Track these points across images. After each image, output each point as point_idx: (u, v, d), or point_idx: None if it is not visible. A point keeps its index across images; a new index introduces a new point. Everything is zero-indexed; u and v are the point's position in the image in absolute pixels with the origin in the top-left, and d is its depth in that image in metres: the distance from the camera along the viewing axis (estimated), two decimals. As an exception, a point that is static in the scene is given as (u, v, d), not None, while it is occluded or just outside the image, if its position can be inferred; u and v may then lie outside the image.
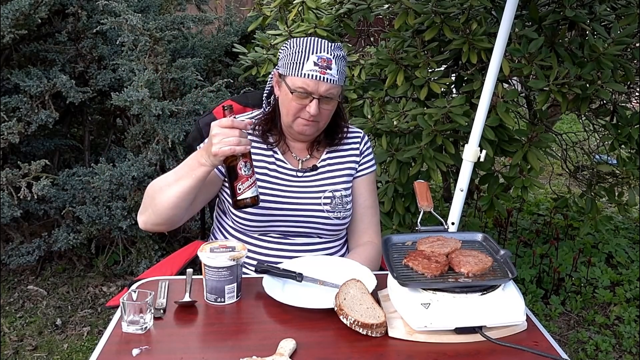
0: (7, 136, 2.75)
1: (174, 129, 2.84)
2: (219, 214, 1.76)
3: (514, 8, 1.76)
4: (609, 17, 2.59)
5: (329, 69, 1.53)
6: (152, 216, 1.54)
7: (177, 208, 1.51)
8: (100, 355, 1.17)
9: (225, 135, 1.38)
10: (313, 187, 1.67)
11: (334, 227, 1.67)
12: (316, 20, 2.71)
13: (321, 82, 1.53)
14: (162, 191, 1.50)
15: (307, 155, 1.71)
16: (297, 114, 1.57)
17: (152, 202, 1.53)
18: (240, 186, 1.41)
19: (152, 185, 1.55)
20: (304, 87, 1.53)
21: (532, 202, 4.35)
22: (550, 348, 1.21)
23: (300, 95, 1.54)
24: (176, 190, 1.48)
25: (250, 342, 1.21)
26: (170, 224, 1.57)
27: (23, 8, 2.67)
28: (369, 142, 1.80)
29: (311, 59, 1.53)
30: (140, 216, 1.58)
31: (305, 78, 1.53)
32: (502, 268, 1.30)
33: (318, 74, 1.52)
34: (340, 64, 1.58)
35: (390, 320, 1.25)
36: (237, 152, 1.39)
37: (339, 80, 1.57)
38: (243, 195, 1.42)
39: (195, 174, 1.45)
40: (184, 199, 1.49)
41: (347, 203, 1.68)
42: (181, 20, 3.14)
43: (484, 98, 1.82)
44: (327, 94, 1.55)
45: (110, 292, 3.08)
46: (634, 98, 3.22)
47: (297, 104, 1.56)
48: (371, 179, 1.77)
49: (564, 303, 3.03)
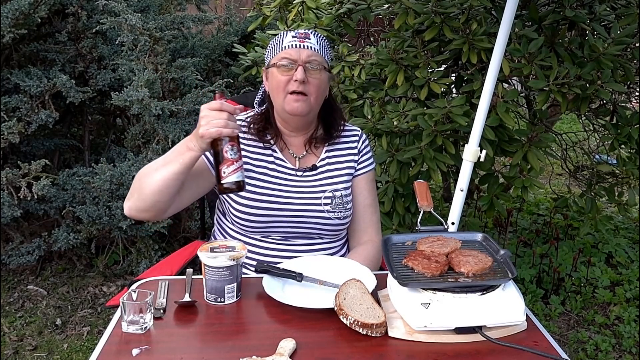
0: (7, 136, 2.75)
1: (174, 129, 2.84)
2: (219, 216, 1.76)
3: (514, 8, 1.76)
4: (609, 17, 2.59)
5: (307, 38, 1.61)
6: (137, 202, 1.52)
7: (162, 194, 1.48)
8: (100, 355, 1.17)
9: (213, 118, 1.37)
10: (313, 187, 1.67)
11: (335, 227, 1.66)
12: (316, 20, 2.71)
13: (302, 49, 1.59)
14: (149, 175, 1.49)
15: (304, 152, 1.70)
16: (286, 87, 1.58)
17: (138, 187, 1.51)
18: (225, 169, 1.38)
19: (140, 171, 1.54)
20: (286, 56, 1.58)
21: (532, 202, 4.36)
22: (550, 348, 1.21)
23: (285, 67, 1.58)
24: (162, 175, 1.46)
25: (250, 342, 1.21)
26: (155, 212, 1.54)
27: (23, 8, 2.67)
28: (367, 140, 1.80)
29: (289, 35, 1.62)
30: (126, 202, 1.56)
31: (286, 49, 1.59)
32: (502, 268, 1.30)
33: (297, 42, 1.59)
34: (319, 39, 1.64)
35: (390, 320, 1.25)
36: (223, 134, 1.37)
37: (320, 50, 1.62)
38: (228, 179, 1.38)
39: (183, 158, 1.44)
40: (169, 185, 1.47)
41: (347, 203, 1.68)
42: (181, 20, 3.14)
43: (484, 98, 1.82)
44: (310, 60, 1.58)
45: (110, 292, 3.09)
46: (634, 98, 3.22)
47: (284, 76, 1.58)
48: (370, 178, 1.77)
49: (564, 303, 3.03)
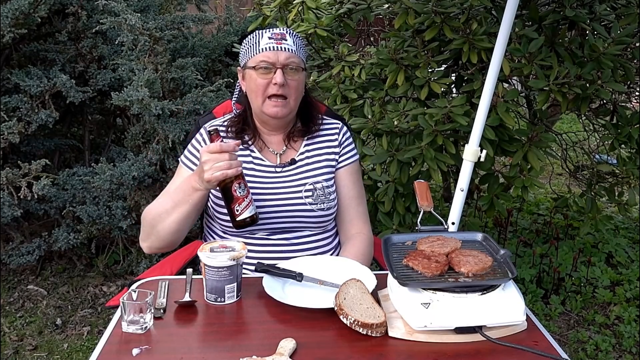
0: (8, 136, 2.75)
1: (174, 129, 2.84)
2: (208, 220, 1.78)
3: (514, 8, 1.76)
4: (609, 16, 2.59)
5: (284, 39, 1.60)
6: (156, 242, 1.60)
7: (179, 232, 1.58)
8: (100, 355, 1.17)
9: (215, 161, 1.42)
10: (293, 181, 1.67)
11: (319, 218, 1.67)
12: (316, 20, 2.71)
13: (280, 52, 1.58)
14: (162, 219, 1.55)
15: (283, 148, 1.71)
16: (265, 91, 1.59)
17: (152, 230, 1.58)
18: (238, 207, 1.46)
19: (149, 212, 1.60)
20: (264, 59, 1.58)
21: (532, 202, 4.36)
22: (550, 348, 1.21)
23: (263, 70, 1.58)
24: (175, 217, 1.54)
25: (250, 342, 1.21)
26: (175, 244, 1.63)
27: (23, 7, 2.67)
28: (349, 132, 1.80)
29: (265, 36, 1.60)
30: (143, 243, 1.64)
31: (264, 52, 1.59)
32: (502, 268, 1.30)
33: (275, 44, 1.59)
34: (295, 39, 1.64)
35: (390, 320, 1.25)
36: (229, 176, 1.42)
37: (297, 51, 1.62)
38: (242, 216, 1.47)
39: (192, 198, 1.51)
40: (184, 224, 1.56)
41: (329, 194, 1.68)
42: (181, 20, 3.14)
43: (485, 98, 1.82)
44: (288, 62, 1.59)
45: (110, 292, 3.09)
46: (634, 98, 3.22)
47: (262, 79, 1.59)
48: (353, 169, 1.77)
49: (564, 303, 3.03)
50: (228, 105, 1.86)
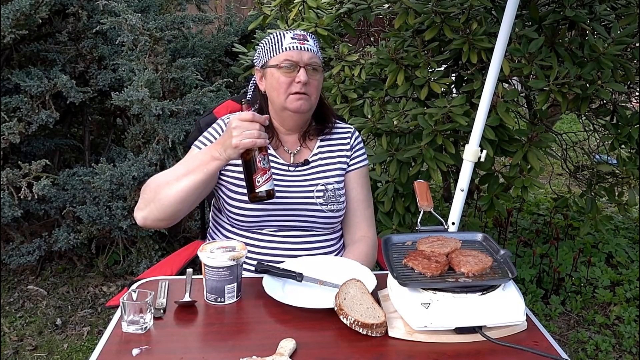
0: (8, 136, 2.75)
1: (174, 129, 2.84)
2: (215, 212, 1.78)
3: (514, 8, 1.76)
4: (609, 17, 2.59)
5: (306, 40, 1.63)
6: (155, 211, 1.54)
7: (184, 202, 1.52)
8: (100, 355, 1.17)
9: (245, 128, 1.42)
10: (305, 181, 1.69)
11: (328, 220, 1.68)
12: (317, 20, 2.71)
13: (303, 52, 1.61)
14: (170, 185, 1.51)
15: (298, 147, 1.73)
16: (288, 88, 1.61)
17: (155, 196, 1.53)
18: (259, 179, 1.45)
19: (154, 180, 1.56)
20: (288, 58, 1.60)
21: (532, 202, 4.36)
22: (550, 348, 1.21)
23: (287, 68, 1.60)
24: (185, 185, 1.50)
25: (250, 342, 1.21)
26: (172, 220, 1.58)
27: (23, 8, 2.67)
28: (360, 137, 1.82)
29: (287, 36, 1.63)
30: (139, 212, 1.57)
31: (287, 51, 1.61)
32: (502, 268, 1.30)
33: (298, 44, 1.61)
34: (314, 41, 1.67)
35: (390, 320, 1.25)
36: (257, 145, 1.43)
37: (317, 52, 1.65)
38: (261, 188, 1.45)
39: (208, 167, 1.49)
40: (192, 194, 1.52)
41: (340, 196, 1.70)
42: (181, 20, 3.14)
43: (485, 98, 1.82)
44: (311, 62, 1.61)
45: (110, 292, 3.09)
46: (634, 98, 3.22)
47: (286, 77, 1.60)
48: (363, 173, 1.79)
49: (564, 303, 3.03)
50: (229, 105, 1.86)
